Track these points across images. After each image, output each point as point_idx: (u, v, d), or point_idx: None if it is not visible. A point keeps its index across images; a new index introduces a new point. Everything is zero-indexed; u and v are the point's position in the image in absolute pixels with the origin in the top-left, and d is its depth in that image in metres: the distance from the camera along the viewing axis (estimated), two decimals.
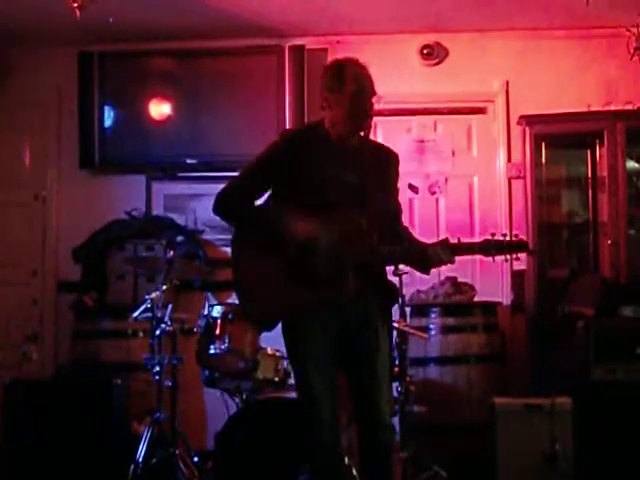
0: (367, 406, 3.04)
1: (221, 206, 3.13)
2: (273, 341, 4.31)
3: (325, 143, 3.08)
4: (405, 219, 3.32)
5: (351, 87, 3.02)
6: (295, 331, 3.06)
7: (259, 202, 3.18)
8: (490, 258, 3.00)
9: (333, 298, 2.98)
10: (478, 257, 3.02)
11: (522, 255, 3.09)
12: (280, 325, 3.09)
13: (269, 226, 3.06)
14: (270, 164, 3.11)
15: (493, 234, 3.01)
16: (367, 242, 2.92)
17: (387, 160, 3.19)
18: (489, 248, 2.98)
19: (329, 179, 3.02)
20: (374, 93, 3.07)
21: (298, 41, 5.70)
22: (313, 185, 3.02)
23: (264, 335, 4.31)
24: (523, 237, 3.05)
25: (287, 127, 5.49)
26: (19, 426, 4.60)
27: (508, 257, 3.00)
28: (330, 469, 3.04)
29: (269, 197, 3.17)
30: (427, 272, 3.13)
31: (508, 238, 3.00)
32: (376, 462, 3.06)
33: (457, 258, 3.05)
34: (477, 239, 3.05)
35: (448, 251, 2.99)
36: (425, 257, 2.99)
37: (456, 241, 3.02)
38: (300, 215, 3.00)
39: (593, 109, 5.44)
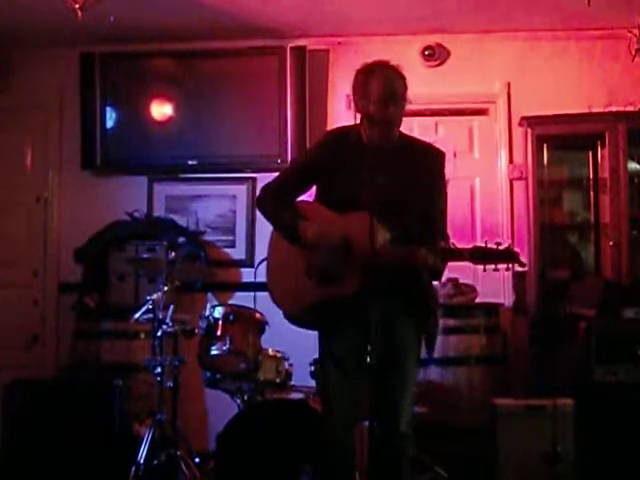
0: (386, 410, 3.01)
1: (259, 202, 3.24)
2: (274, 342, 4.33)
3: (358, 146, 3.08)
4: None
5: (375, 92, 3.02)
6: (322, 326, 3.12)
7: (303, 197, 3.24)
8: (480, 266, 2.89)
9: (334, 297, 2.99)
10: None
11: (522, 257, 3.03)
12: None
13: (284, 227, 3.12)
14: (307, 163, 3.25)
15: (486, 241, 2.90)
16: (370, 242, 2.90)
17: (426, 159, 3.14)
18: (478, 256, 2.88)
19: (359, 181, 2.97)
20: (399, 98, 3.04)
21: (299, 42, 5.69)
22: (343, 186, 3.05)
23: (265, 336, 4.32)
24: (515, 247, 2.91)
25: (289, 128, 5.51)
26: (20, 427, 4.59)
27: (499, 266, 2.87)
28: (339, 466, 3.04)
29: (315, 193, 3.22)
30: (437, 278, 3.13)
31: (501, 247, 2.87)
32: (388, 468, 3.03)
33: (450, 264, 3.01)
34: (468, 245, 2.93)
35: (436, 255, 2.91)
36: (414, 259, 2.91)
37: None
38: (318, 214, 3.06)
39: (594, 110, 5.43)
